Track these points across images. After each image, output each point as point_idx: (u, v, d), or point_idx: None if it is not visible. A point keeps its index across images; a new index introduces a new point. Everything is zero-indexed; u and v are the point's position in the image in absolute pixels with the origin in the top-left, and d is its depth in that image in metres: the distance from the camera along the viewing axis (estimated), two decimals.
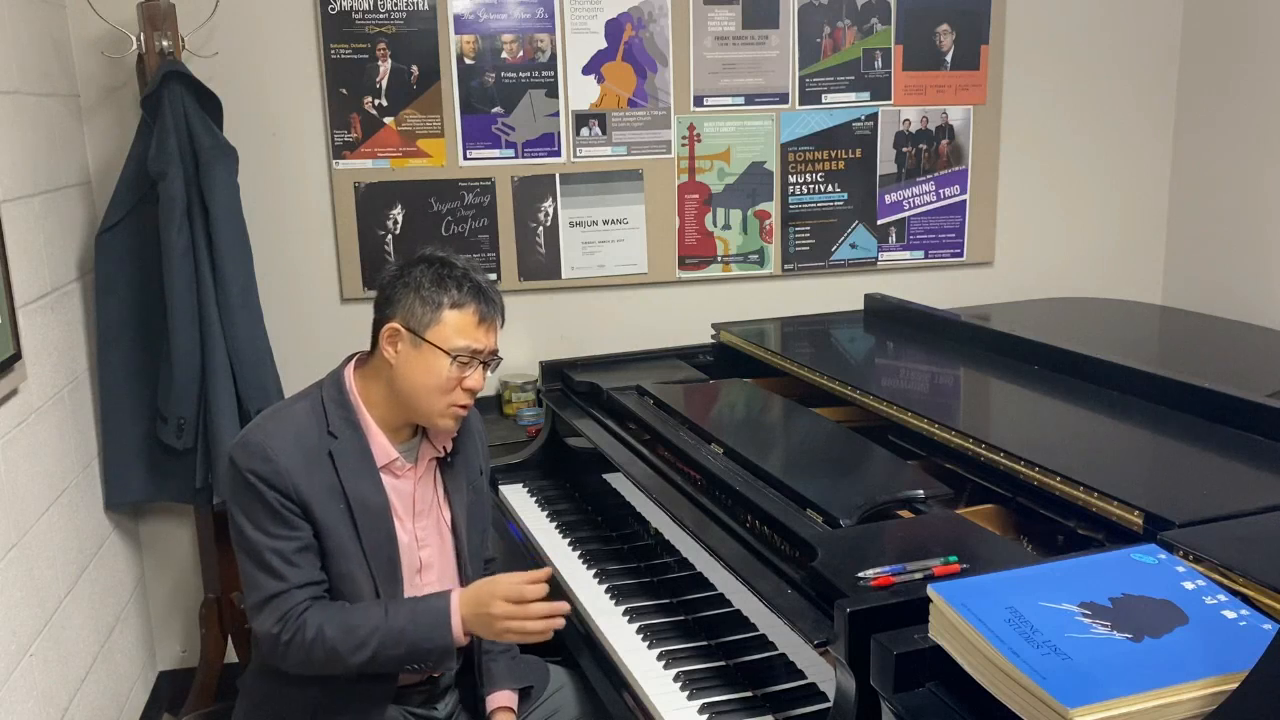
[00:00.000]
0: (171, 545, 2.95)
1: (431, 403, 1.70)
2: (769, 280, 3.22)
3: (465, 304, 1.70)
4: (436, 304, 1.69)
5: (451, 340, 1.69)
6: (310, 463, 1.67)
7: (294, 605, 1.64)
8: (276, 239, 2.86)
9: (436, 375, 1.68)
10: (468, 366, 1.70)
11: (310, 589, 1.66)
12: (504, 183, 2.99)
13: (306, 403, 1.74)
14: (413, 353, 1.70)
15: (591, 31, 2.97)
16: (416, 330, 1.69)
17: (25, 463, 2.13)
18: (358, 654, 1.63)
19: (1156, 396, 1.92)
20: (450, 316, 1.69)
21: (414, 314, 1.70)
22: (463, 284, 1.71)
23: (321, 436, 1.70)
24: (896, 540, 1.52)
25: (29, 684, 2.05)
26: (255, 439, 1.67)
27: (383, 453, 1.74)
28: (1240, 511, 1.42)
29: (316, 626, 1.63)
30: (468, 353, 1.69)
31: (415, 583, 1.79)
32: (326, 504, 1.67)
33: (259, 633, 1.66)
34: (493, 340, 1.74)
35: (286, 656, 1.65)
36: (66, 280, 2.47)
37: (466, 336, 1.69)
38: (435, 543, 1.82)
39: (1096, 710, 0.97)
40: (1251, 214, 3.14)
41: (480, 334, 1.71)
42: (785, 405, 2.21)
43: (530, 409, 2.92)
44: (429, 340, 1.68)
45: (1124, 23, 3.30)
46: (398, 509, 1.76)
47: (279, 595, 1.64)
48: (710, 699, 1.61)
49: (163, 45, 2.50)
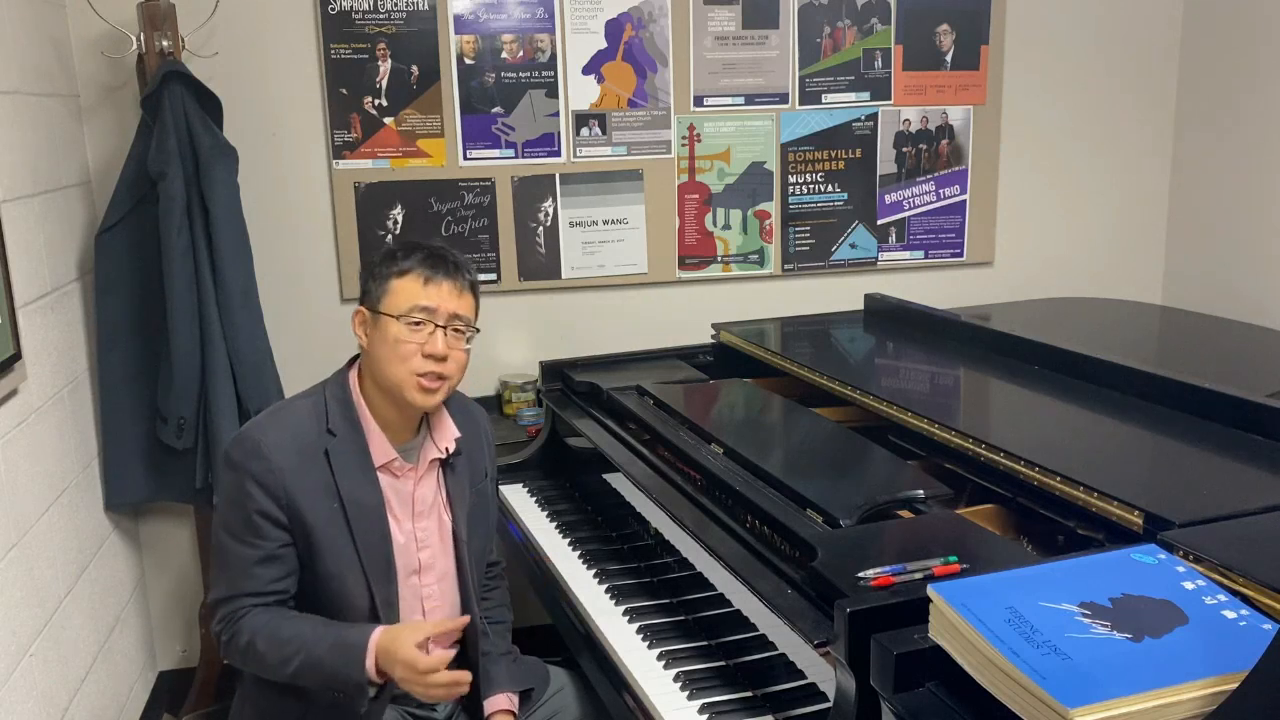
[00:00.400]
0: (171, 545, 2.95)
1: (394, 372, 1.71)
2: (769, 280, 3.22)
3: (410, 269, 1.73)
4: (385, 276, 1.73)
5: (401, 304, 1.71)
6: (305, 461, 1.68)
7: (235, 609, 1.67)
8: (276, 239, 2.86)
9: (394, 343, 1.70)
10: (420, 329, 1.70)
11: (259, 598, 1.67)
12: (504, 183, 2.99)
13: (310, 400, 1.76)
14: (375, 330, 1.73)
15: (591, 31, 2.97)
16: (373, 307, 1.73)
17: (25, 463, 2.13)
18: (283, 669, 1.65)
19: (1156, 396, 1.92)
20: (397, 284, 1.72)
21: (370, 293, 1.75)
22: (412, 252, 1.74)
23: (320, 434, 1.71)
24: (896, 540, 1.52)
25: (29, 684, 2.05)
26: (251, 434, 1.69)
27: (381, 452, 1.74)
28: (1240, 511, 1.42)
29: (250, 633, 1.65)
30: (420, 312, 1.70)
31: (412, 584, 1.78)
32: (319, 502, 1.67)
33: (211, 630, 1.73)
34: (450, 303, 1.73)
35: (229, 655, 1.70)
36: (66, 280, 2.47)
37: (415, 298, 1.71)
38: (436, 544, 1.81)
39: (1096, 710, 0.97)
40: (1251, 214, 3.14)
41: (431, 294, 1.71)
42: (785, 405, 2.21)
43: (530, 409, 2.92)
44: (383, 312, 1.72)
45: (1124, 23, 3.30)
46: (395, 508, 1.75)
47: (228, 599, 1.68)
48: (710, 699, 1.61)
49: (163, 45, 2.50)
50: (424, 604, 1.80)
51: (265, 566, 1.67)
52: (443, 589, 1.83)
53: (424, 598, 1.80)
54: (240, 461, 1.67)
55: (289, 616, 1.69)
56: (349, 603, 1.70)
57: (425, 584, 1.80)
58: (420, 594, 1.79)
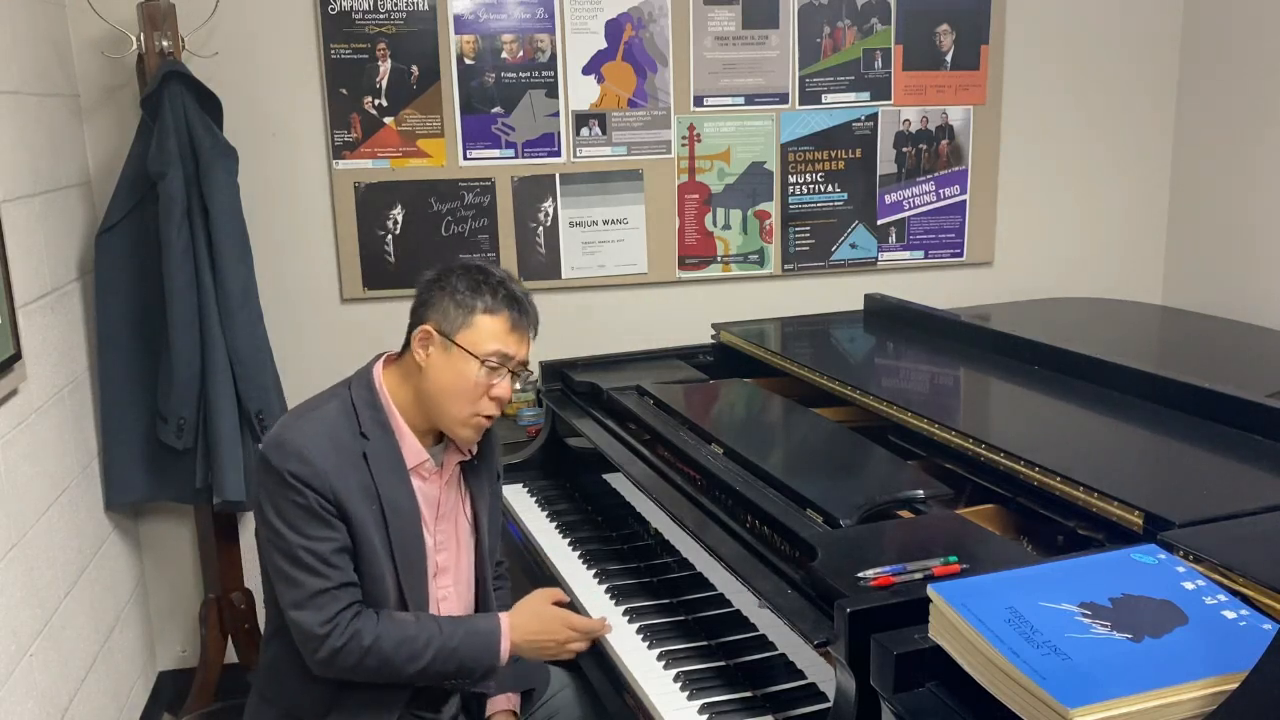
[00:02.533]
0: (171, 545, 2.95)
1: (457, 409, 1.69)
2: (769, 280, 3.22)
3: (499, 310, 1.69)
4: (470, 308, 1.68)
5: (482, 345, 1.68)
6: (345, 463, 1.65)
7: (342, 607, 1.62)
8: (276, 239, 2.86)
9: (465, 380, 1.67)
10: (496, 373, 1.69)
11: (352, 590, 1.65)
12: (504, 183, 2.99)
13: (337, 402, 1.72)
14: (443, 356, 1.69)
15: (591, 31, 2.97)
16: (448, 333, 1.68)
17: (25, 463, 2.13)
18: (411, 665, 1.63)
19: (1156, 396, 1.92)
20: (483, 321, 1.68)
21: (447, 317, 1.69)
22: (498, 291, 1.70)
23: (355, 437, 1.68)
24: (896, 540, 1.52)
25: (29, 684, 2.05)
26: (291, 439, 1.64)
27: (414, 455, 1.72)
28: (1240, 511, 1.42)
29: (373, 636, 1.62)
30: (498, 358, 1.68)
31: (430, 587, 1.78)
32: (361, 505, 1.65)
33: (305, 632, 1.62)
34: (524, 350, 1.73)
35: (334, 662, 1.62)
36: (66, 280, 2.47)
37: (498, 342, 1.68)
38: (452, 547, 1.81)
39: (1096, 710, 0.97)
40: (1251, 214, 3.14)
41: (512, 341, 1.70)
42: (785, 405, 2.21)
43: (530, 409, 2.92)
44: (460, 344, 1.67)
45: (1124, 23, 3.30)
46: (424, 512, 1.75)
47: (323, 593, 1.61)
48: (710, 699, 1.61)
49: (163, 45, 2.50)
50: (439, 606, 1.80)
51: (342, 556, 1.63)
52: (458, 590, 1.82)
53: (440, 600, 1.80)
54: (286, 467, 1.61)
55: (403, 617, 1.67)
56: (378, 604, 1.68)
57: (442, 586, 1.80)
58: (436, 595, 1.79)
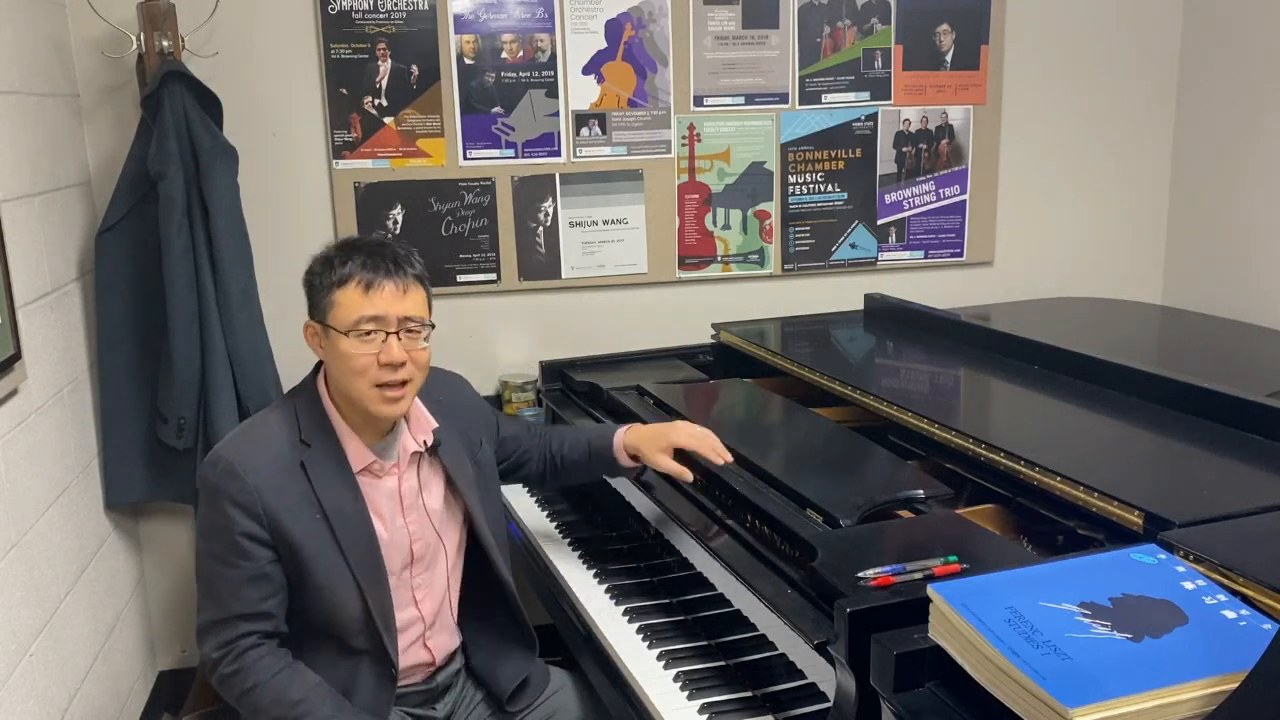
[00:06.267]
0: (171, 545, 2.95)
1: (358, 388, 1.65)
2: (769, 280, 3.22)
3: (348, 277, 1.64)
4: (326, 288, 1.66)
5: (347, 318, 1.64)
6: (282, 476, 1.64)
7: (237, 635, 1.63)
8: (276, 239, 2.85)
9: (348, 359, 1.64)
10: (370, 340, 1.64)
11: (255, 621, 1.64)
12: (504, 183, 2.99)
13: (279, 413, 1.72)
14: (328, 344, 1.68)
15: (591, 31, 2.97)
16: (321, 320, 1.68)
17: (25, 463, 2.13)
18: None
19: (1156, 396, 1.92)
20: (339, 296, 1.65)
21: (317, 306, 1.69)
22: (347, 259, 1.66)
23: (294, 446, 1.67)
24: (896, 540, 1.52)
25: (29, 684, 2.05)
26: (223, 455, 1.65)
27: (358, 457, 1.71)
28: (1240, 511, 1.42)
29: (254, 682, 1.62)
30: (365, 324, 1.63)
31: (404, 577, 1.77)
32: (301, 516, 1.64)
33: (201, 654, 1.66)
34: (394, 305, 1.64)
35: (222, 687, 1.66)
36: (66, 280, 2.47)
37: (357, 309, 1.63)
38: (430, 533, 1.80)
39: (1096, 710, 0.97)
40: (1251, 214, 3.14)
41: (373, 301, 1.63)
42: (785, 405, 2.21)
43: (530, 409, 2.92)
44: (331, 326, 1.66)
45: (1124, 23, 3.30)
46: (380, 508, 1.73)
47: (220, 623, 1.63)
48: (710, 699, 1.61)
49: (163, 45, 2.50)
50: (415, 594, 1.79)
51: (253, 586, 1.63)
52: (434, 577, 1.81)
53: (414, 588, 1.79)
54: (215, 483, 1.62)
55: (300, 672, 1.65)
56: (343, 611, 1.69)
57: (416, 574, 1.79)
58: (411, 584, 1.79)
